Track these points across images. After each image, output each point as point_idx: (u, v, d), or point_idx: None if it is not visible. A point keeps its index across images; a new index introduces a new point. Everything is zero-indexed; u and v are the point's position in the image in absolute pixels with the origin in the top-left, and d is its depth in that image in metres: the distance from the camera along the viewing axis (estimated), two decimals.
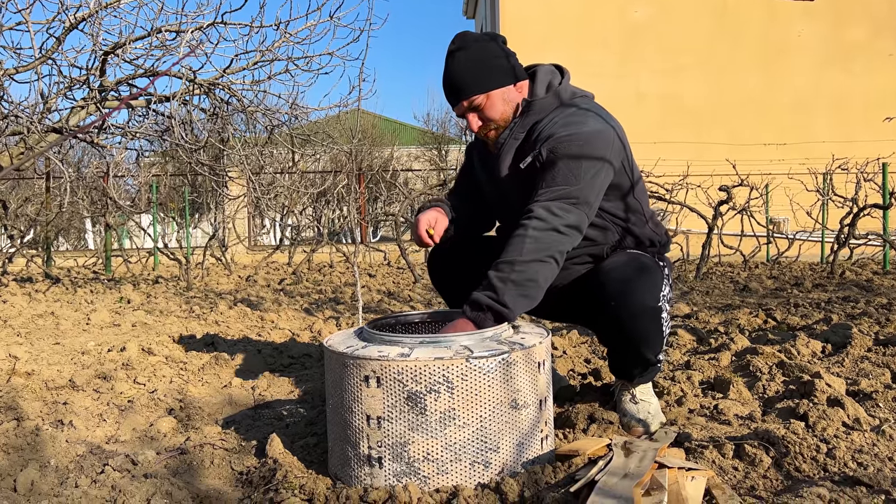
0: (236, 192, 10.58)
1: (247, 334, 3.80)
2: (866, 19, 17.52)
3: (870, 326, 3.51)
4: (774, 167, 12.90)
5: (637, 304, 1.91)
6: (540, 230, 1.86)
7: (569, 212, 1.89)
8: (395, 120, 30.90)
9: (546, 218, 1.87)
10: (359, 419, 1.62)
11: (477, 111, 2.03)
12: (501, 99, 2.04)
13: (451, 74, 2.02)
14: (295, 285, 6.84)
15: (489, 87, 2.01)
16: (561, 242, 1.88)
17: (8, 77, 4.06)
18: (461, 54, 2.01)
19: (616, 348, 2.10)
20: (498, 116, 2.04)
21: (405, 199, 8.99)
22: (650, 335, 1.96)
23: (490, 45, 2.04)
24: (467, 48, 2.02)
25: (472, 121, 2.05)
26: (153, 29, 4.21)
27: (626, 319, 1.93)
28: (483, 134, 2.09)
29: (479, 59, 2.02)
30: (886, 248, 8.26)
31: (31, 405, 2.25)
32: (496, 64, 2.03)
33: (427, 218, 2.15)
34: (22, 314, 4.60)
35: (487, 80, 2.01)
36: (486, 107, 2.02)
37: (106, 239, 9.45)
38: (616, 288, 1.92)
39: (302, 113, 5.17)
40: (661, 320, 1.96)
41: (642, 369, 2.07)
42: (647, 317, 1.93)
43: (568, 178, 1.91)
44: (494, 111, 2.03)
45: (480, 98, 2.01)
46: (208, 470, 1.77)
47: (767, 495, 1.58)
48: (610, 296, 1.92)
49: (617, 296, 1.91)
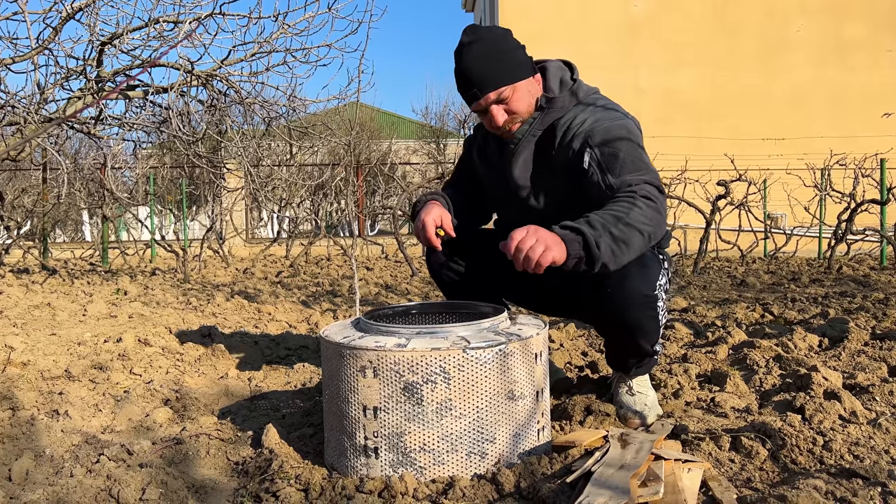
0: (234, 185, 10.57)
1: (244, 326, 3.80)
2: (865, 15, 17.50)
3: (867, 321, 3.52)
4: (773, 162, 12.90)
5: (633, 293, 1.89)
6: (647, 206, 1.79)
7: (660, 197, 1.85)
8: (393, 113, 30.86)
9: (653, 196, 1.81)
10: (355, 409, 1.61)
11: (503, 104, 1.97)
12: (526, 90, 1.99)
13: (471, 67, 1.94)
14: (292, 278, 6.83)
15: (516, 78, 1.96)
16: (659, 224, 1.81)
17: (4, 67, 4.04)
18: (478, 47, 1.94)
19: (612, 338, 2.09)
20: (524, 108, 1.99)
21: (403, 192, 8.97)
22: (646, 324, 1.95)
23: (506, 36, 1.99)
24: (483, 40, 1.95)
25: (496, 114, 1.98)
26: (151, 19, 4.19)
27: (622, 308, 1.91)
28: (507, 128, 2.02)
29: (500, 49, 1.96)
30: (884, 243, 8.28)
31: (26, 395, 2.25)
32: (517, 55, 1.99)
33: (432, 217, 2.06)
34: (18, 305, 4.59)
35: (513, 71, 1.96)
36: (513, 99, 1.97)
37: (103, 231, 9.43)
38: (612, 276, 1.89)
39: (300, 105, 5.16)
40: (657, 310, 1.95)
41: (638, 360, 2.07)
42: (643, 305, 1.92)
43: (638, 164, 1.89)
44: (521, 103, 1.98)
45: (508, 90, 1.95)
46: (204, 460, 1.76)
47: (764, 487, 1.58)
48: (606, 283, 1.91)
49: (613, 284, 1.89)
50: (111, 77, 4.37)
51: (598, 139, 1.92)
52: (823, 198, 9.96)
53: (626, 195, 1.82)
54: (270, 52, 4.57)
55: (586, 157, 1.93)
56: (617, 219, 1.74)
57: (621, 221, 1.74)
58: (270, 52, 4.56)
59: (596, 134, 1.93)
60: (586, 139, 1.94)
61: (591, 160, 1.92)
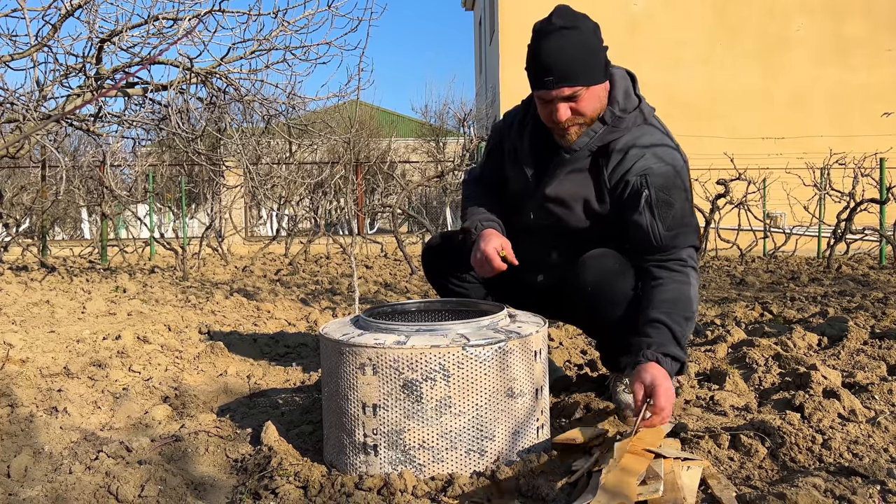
0: (233, 182, 10.56)
1: (243, 324, 3.80)
2: (865, 14, 17.51)
3: (866, 320, 3.52)
4: (772, 161, 12.90)
5: (615, 291, 1.92)
6: (695, 280, 1.92)
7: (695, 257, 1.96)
8: (392, 111, 30.85)
9: (696, 264, 1.95)
10: (354, 407, 1.61)
11: (573, 101, 1.88)
12: (597, 96, 1.91)
13: (558, 56, 1.83)
14: (291, 276, 6.83)
15: (594, 81, 1.88)
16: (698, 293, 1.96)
17: (3, 64, 4.03)
18: (574, 35, 1.85)
19: (598, 336, 2.12)
20: (590, 112, 1.91)
21: (402, 190, 8.97)
22: (629, 322, 1.92)
23: (597, 32, 1.91)
24: (580, 29, 1.86)
25: (561, 110, 1.88)
26: (150, 17, 4.18)
27: (603, 306, 1.94)
28: (565, 126, 1.92)
29: (592, 46, 1.88)
30: (883, 242, 8.28)
31: (25, 392, 2.25)
32: (601, 57, 1.91)
33: (493, 247, 2.00)
34: (17, 302, 4.58)
35: (594, 73, 1.88)
36: (583, 99, 1.88)
37: (102, 228, 9.42)
38: (591, 276, 1.93)
39: (299, 103, 5.15)
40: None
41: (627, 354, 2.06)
42: (625, 304, 1.93)
43: (687, 220, 1.95)
44: (589, 107, 1.90)
45: (583, 91, 1.86)
46: (203, 457, 1.76)
47: (763, 485, 1.58)
48: (585, 283, 1.93)
49: (593, 282, 1.92)
50: (110, 74, 4.36)
51: (658, 182, 1.91)
52: (823, 197, 9.96)
53: (678, 266, 1.90)
54: (270, 50, 4.56)
55: (643, 198, 1.91)
56: (686, 319, 1.84)
57: (689, 318, 1.86)
58: (270, 49, 4.55)
59: (656, 175, 1.91)
60: (645, 177, 1.92)
61: (646, 202, 1.91)
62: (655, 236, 1.91)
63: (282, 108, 5.19)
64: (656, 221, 1.90)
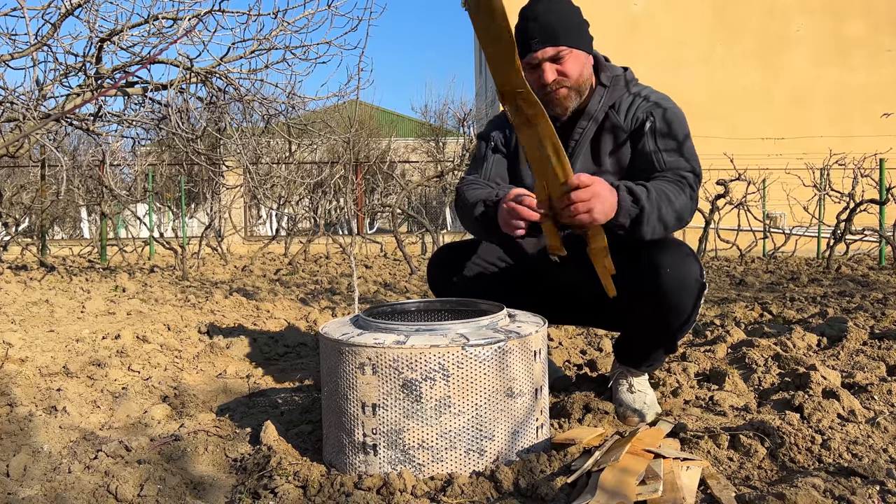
0: (233, 182, 10.55)
1: (242, 323, 3.79)
2: (865, 15, 17.51)
3: (865, 320, 3.52)
4: (772, 162, 12.91)
5: (690, 275, 1.87)
6: (691, 197, 1.90)
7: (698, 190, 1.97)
8: (392, 111, 30.87)
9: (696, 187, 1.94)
10: (354, 406, 1.61)
11: (557, 63, 1.98)
12: (581, 62, 2.01)
13: (543, 17, 1.95)
14: (291, 276, 6.82)
15: (578, 45, 1.99)
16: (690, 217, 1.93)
17: (3, 63, 4.03)
18: (558, 3, 1.98)
19: (643, 325, 2.01)
20: (575, 76, 2.00)
21: (402, 190, 8.97)
22: (689, 310, 1.91)
23: (580, 10, 2.04)
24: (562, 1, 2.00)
25: (547, 71, 1.98)
26: (150, 16, 4.18)
27: (676, 289, 1.86)
28: (551, 90, 2.00)
29: (575, 16, 2.01)
30: (882, 243, 8.28)
31: (24, 391, 2.24)
32: (585, 29, 2.04)
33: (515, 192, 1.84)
34: (16, 301, 4.58)
35: (578, 37, 1.99)
36: (568, 60, 1.98)
37: (102, 228, 9.42)
38: (669, 259, 1.87)
39: (299, 102, 5.15)
40: (701, 299, 1.93)
41: (661, 349, 2.05)
42: (694, 289, 1.89)
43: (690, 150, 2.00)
44: (574, 70, 1.99)
45: (566, 51, 1.97)
46: (202, 456, 1.76)
47: (762, 485, 1.58)
48: (664, 264, 1.86)
49: (671, 265, 1.86)
50: (110, 73, 4.35)
51: (661, 114, 2.00)
52: (822, 197, 9.97)
53: (677, 178, 1.90)
54: (270, 50, 4.55)
55: (647, 126, 1.99)
56: (669, 201, 1.82)
57: (672, 206, 1.83)
58: (270, 49, 4.55)
59: (661, 109, 2.01)
60: (651, 111, 2.01)
61: (650, 130, 1.99)
62: (659, 161, 1.96)
63: (281, 108, 5.19)
64: (659, 148, 1.97)
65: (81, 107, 4.39)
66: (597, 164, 2.07)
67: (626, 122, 2.04)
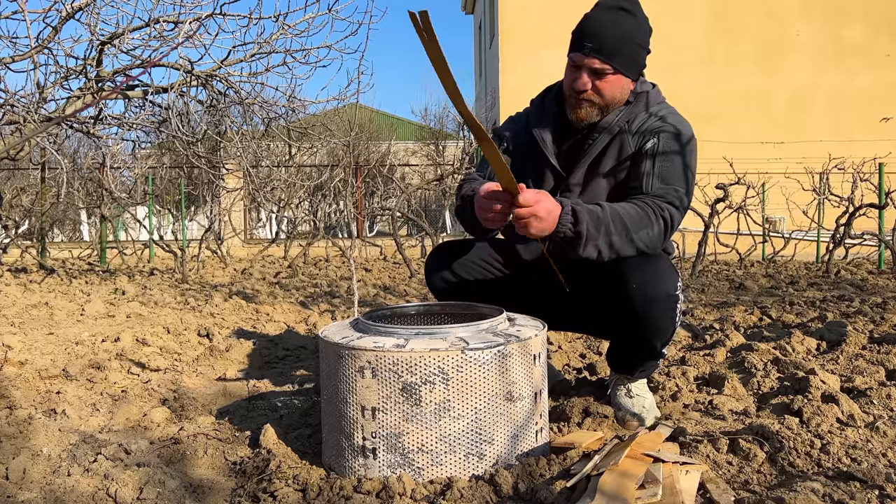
0: (233, 185, 10.56)
1: (242, 326, 3.79)
2: (864, 19, 17.53)
3: (864, 324, 3.52)
4: (771, 166, 12.91)
5: (658, 289, 1.89)
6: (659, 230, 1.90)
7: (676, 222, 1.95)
8: (392, 115, 30.88)
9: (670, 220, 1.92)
10: (353, 410, 1.61)
11: (598, 78, 1.96)
12: (621, 86, 1.99)
13: (607, 30, 1.92)
14: (290, 279, 6.82)
15: (625, 70, 1.97)
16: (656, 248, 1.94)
17: (4, 66, 4.03)
18: (629, 21, 1.94)
19: (623, 336, 2.07)
20: (608, 98, 1.99)
21: (402, 193, 8.97)
22: (663, 323, 1.93)
23: (649, 33, 2.00)
24: (637, 20, 1.96)
25: (584, 78, 1.96)
26: (151, 19, 4.19)
27: (645, 303, 1.89)
28: (578, 99, 1.99)
29: (639, 40, 1.97)
30: (882, 247, 8.29)
31: (23, 394, 2.25)
32: (641, 56, 2.00)
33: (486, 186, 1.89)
34: (16, 304, 4.58)
35: (629, 63, 1.96)
36: (608, 82, 1.96)
37: (101, 230, 9.42)
38: (638, 274, 1.90)
39: (299, 106, 5.15)
40: (676, 311, 1.95)
41: (646, 358, 2.06)
42: (665, 303, 1.91)
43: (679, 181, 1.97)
44: (609, 92, 1.98)
45: (611, 73, 1.95)
46: (202, 460, 1.76)
47: (761, 490, 1.58)
48: (631, 279, 1.89)
49: (639, 280, 1.89)
50: (111, 77, 4.36)
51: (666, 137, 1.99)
52: (822, 202, 9.97)
53: (655, 206, 1.89)
54: (270, 53, 4.56)
55: (649, 145, 1.98)
56: (626, 229, 1.83)
57: (628, 234, 1.83)
58: (270, 52, 4.55)
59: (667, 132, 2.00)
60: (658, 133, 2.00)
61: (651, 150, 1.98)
62: (647, 184, 1.96)
63: (282, 111, 5.20)
64: (654, 172, 1.96)
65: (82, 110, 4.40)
66: (598, 175, 2.06)
67: (633, 139, 2.03)
